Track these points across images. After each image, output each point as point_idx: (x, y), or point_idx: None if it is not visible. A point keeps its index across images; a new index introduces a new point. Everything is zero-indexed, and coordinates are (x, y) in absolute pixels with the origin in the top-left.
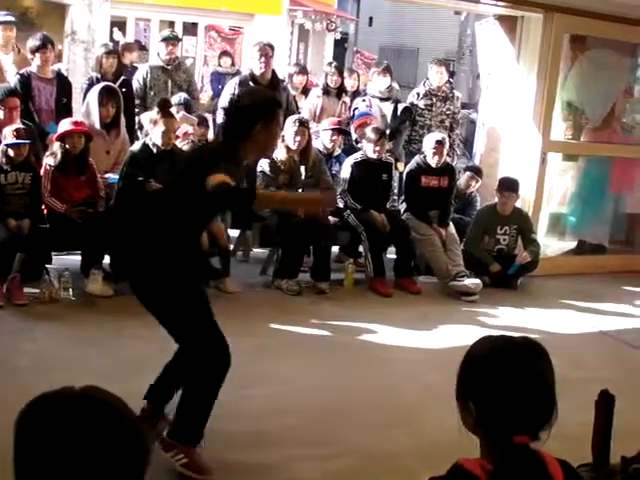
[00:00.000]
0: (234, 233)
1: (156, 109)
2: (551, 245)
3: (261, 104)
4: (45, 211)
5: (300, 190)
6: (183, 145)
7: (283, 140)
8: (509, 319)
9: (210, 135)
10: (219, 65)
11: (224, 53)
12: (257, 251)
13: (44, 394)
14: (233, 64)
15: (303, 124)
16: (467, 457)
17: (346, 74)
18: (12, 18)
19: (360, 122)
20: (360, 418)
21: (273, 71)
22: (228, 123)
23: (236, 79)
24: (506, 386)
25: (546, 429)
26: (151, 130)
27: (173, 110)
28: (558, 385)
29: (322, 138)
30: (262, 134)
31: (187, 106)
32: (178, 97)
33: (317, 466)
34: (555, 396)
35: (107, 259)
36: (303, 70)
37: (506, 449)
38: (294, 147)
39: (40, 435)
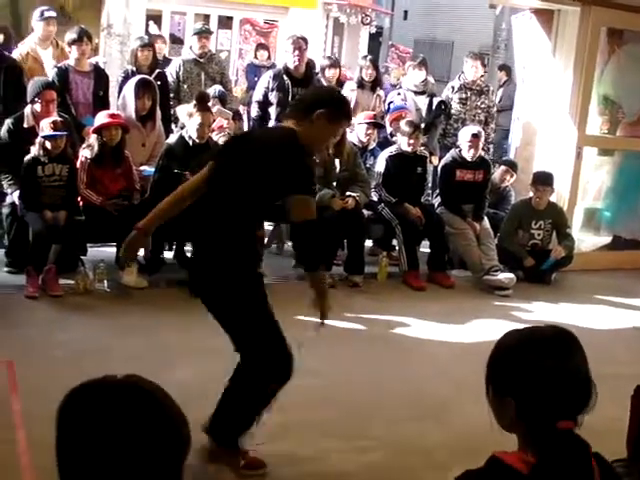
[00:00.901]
0: (268, 226)
1: (194, 102)
2: (586, 240)
3: (335, 97)
4: (81, 203)
5: (334, 184)
6: (219, 138)
7: None
8: (542, 314)
9: (245, 128)
10: (255, 57)
11: (261, 46)
12: (291, 244)
13: (85, 382)
14: (269, 57)
15: None
16: (505, 450)
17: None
18: (54, 13)
19: (395, 116)
20: (392, 411)
21: (307, 64)
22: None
23: (270, 72)
24: (544, 377)
25: (585, 413)
26: (187, 123)
27: (209, 103)
28: (594, 379)
29: (357, 132)
30: (322, 123)
31: (222, 99)
32: (213, 90)
33: (350, 459)
34: (591, 379)
35: (142, 251)
36: (335, 63)
37: (552, 435)
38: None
39: (82, 423)
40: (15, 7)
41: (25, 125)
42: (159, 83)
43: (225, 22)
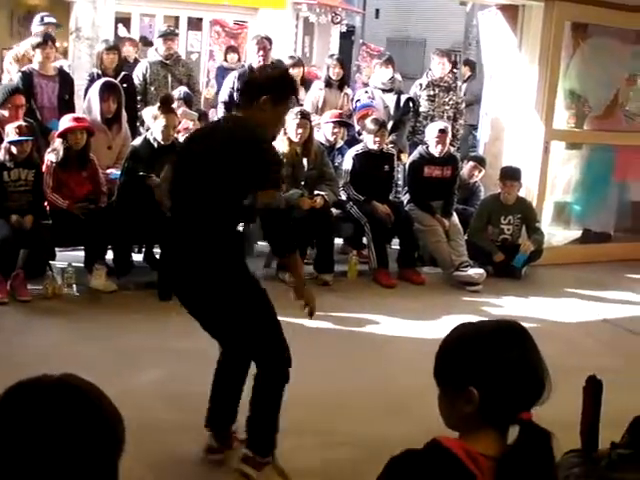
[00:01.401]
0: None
1: (157, 104)
2: (556, 234)
3: (275, 80)
4: (48, 207)
5: (302, 183)
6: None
7: (285, 132)
8: (513, 309)
9: None
10: (225, 60)
11: (231, 48)
12: (260, 244)
13: (21, 381)
14: (239, 59)
15: (305, 116)
16: (446, 436)
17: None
18: (54, 19)
19: (362, 114)
20: (361, 408)
21: (272, 64)
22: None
23: (235, 72)
24: (509, 368)
25: (538, 404)
26: (152, 125)
27: (174, 105)
28: (556, 372)
29: (324, 131)
30: (268, 107)
31: (187, 101)
32: (178, 92)
33: (317, 455)
34: (547, 370)
35: (110, 254)
36: (298, 62)
37: (522, 427)
38: (296, 139)
39: (13, 421)
40: None
41: None
42: (125, 85)
43: (195, 23)
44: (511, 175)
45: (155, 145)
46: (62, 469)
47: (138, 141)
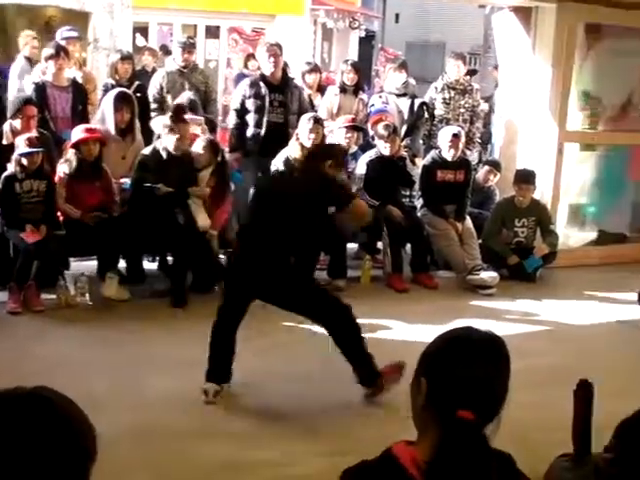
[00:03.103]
0: None
1: (169, 114)
2: (572, 236)
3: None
4: (61, 218)
5: None
6: (196, 149)
7: (297, 138)
8: (526, 312)
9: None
10: (245, 67)
11: (251, 56)
12: None
13: None
14: (259, 67)
15: (318, 121)
16: (405, 442)
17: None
18: (75, 33)
19: (376, 119)
20: (373, 414)
21: (284, 70)
22: None
23: (247, 80)
24: (456, 365)
25: (492, 422)
26: (163, 135)
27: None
28: (568, 374)
29: (336, 136)
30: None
31: (192, 108)
32: (181, 99)
33: (328, 460)
34: (505, 392)
35: (122, 262)
36: (315, 68)
37: (450, 421)
38: (308, 145)
39: None
40: (3, 26)
41: (4, 142)
42: (138, 95)
43: (213, 31)
44: (525, 178)
45: (164, 155)
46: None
47: (147, 151)
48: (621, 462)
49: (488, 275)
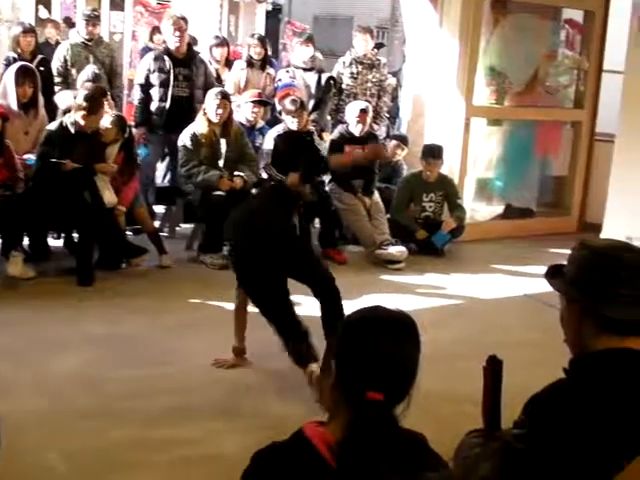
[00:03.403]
0: (160, 210)
1: (82, 95)
2: (479, 210)
3: None
4: None
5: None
6: (104, 124)
7: (205, 113)
8: (435, 285)
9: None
10: (151, 40)
11: (157, 29)
12: (183, 226)
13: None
14: (164, 41)
15: (225, 97)
16: (312, 423)
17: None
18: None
19: (283, 93)
20: (281, 391)
21: (189, 44)
22: None
23: (151, 54)
24: (362, 346)
25: (403, 403)
26: (75, 112)
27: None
28: (477, 348)
29: (243, 110)
30: None
31: (96, 81)
32: (86, 73)
33: (237, 439)
34: (415, 372)
35: (26, 240)
36: (223, 42)
37: (360, 403)
38: (215, 120)
39: None
40: None
41: None
42: (42, 69)
43: (117, 3)
44: (433, 153)
45: (72, 130)
46: None
47: (53, 126)
48: (529, 438)
49: (396, 250)
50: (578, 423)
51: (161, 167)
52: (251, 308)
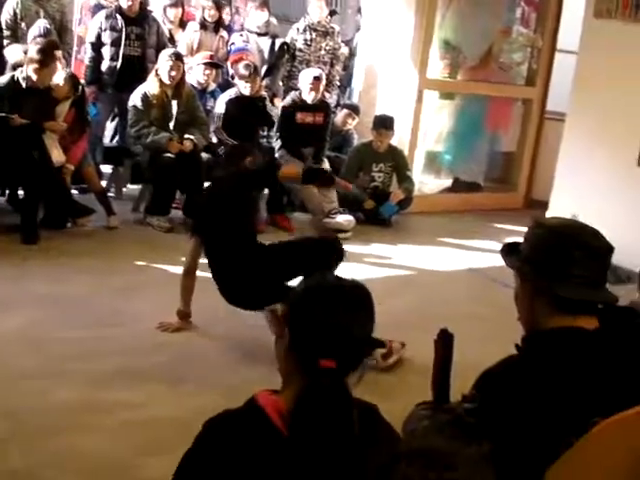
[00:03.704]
0: (107, 170)
1: (34, 48)
2: (427, 183)
3: None
4: None
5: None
6: (56, 81)
7: (157, 74)
8: (381, 255)
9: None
10: None
11: None
12: (130, 187)
13: None
14: None
15: (179, 58)
16: (265, 391)
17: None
18: None
19: (236, 58)
20: (225, 356)
21: (141, 3)
22: None
23: (103, 12)
24: (316, 313)
25: (356, 372)
26: (27, 65)
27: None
28: (422, 319)
29: (195, 73)
30: None
31: (47, 36)
32: (37, 28)
33: (181, 403)
34: (368, 342)
35: None
36: (177, 3)
37: (312, 371)
38: (168, 82)
39: None
40: None
41: None
42: None
43: None
44: (384, 124)
45: (23, 85)
46: None
47: (4, 79)
48: (480, 413)
49: (344, 219)
50: (529, 399)
51: (110, 127)
52: (200, 273)
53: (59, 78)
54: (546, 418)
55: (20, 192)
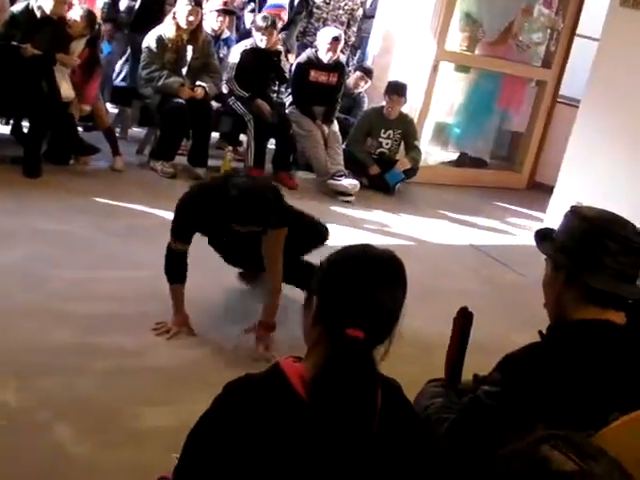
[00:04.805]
0: (113, 109)
1: None
2: (433, 154)
3: None
4: None
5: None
6: (74, 16)
7: (174, 17)
8: (383, 223)
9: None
10: None
11: None
12: (136, 130)
13: None
14: None
15: (198, 4)
16: (290, 358)
17: None
18: None
19: (272, 13)
20: (218, 309)
21: None
22: None
23: None
24: (346, 283)
25: (384, 344)
26: None
27: None
28: (422, 291)
29: (208, 19)
30: None
31: None
32: None
33: (176, 353)
34: (398, 315)
35: None
36: None
37: (339, 339)
38: (185, 26)
39: None
40: None
41: None
42: None
43: None
44: (397, 90)
45: (38, 14)
46: None
47: (19, 7)
48: (502, 396)
49: (349, 182)
50: (551, 388)
51: (119, 66)
52: None
53: (76, 14)
54: (566, 408)
55: (25, 124)
